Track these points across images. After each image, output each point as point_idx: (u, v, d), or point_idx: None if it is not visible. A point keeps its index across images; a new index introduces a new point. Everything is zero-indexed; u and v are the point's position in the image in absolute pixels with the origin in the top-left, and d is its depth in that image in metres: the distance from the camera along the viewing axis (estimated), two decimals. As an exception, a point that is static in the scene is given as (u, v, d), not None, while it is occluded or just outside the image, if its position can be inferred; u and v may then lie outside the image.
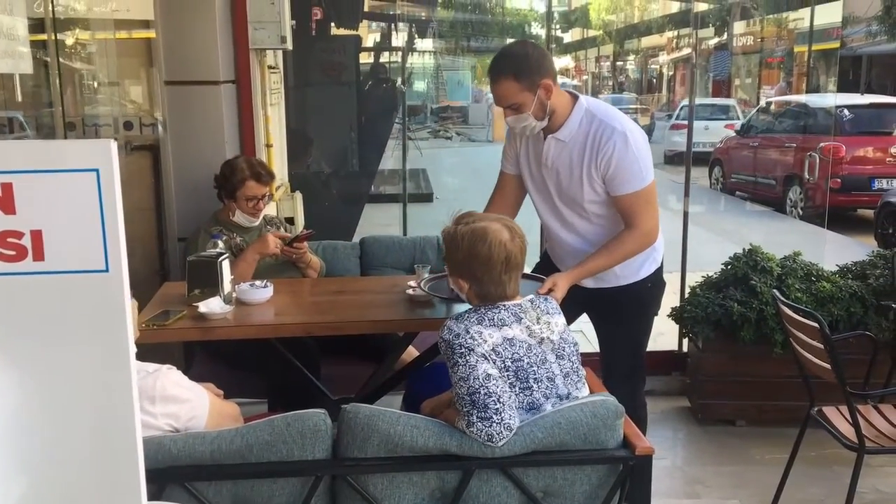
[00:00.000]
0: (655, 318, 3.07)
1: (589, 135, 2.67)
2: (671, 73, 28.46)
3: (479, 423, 1.92)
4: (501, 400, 1.94)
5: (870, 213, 9.87)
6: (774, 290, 3.34)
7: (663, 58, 28.16)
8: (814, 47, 17.29)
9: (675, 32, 24.55)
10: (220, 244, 3.00)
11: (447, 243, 2.19)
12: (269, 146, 4.26)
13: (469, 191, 12.58)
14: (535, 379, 2.05)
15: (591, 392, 2.19)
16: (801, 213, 10.39)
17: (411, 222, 6.45)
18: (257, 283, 2.93)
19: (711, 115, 15.40)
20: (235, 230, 3.50)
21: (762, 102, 16.14)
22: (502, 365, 2.02)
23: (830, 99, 12.26)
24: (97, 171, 1.01)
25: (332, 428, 1.96)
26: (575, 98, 2.74)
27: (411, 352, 3.36)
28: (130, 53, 4.01)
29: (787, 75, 19.16)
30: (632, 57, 31.55)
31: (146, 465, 1.85)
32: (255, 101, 4.01)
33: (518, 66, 2.62)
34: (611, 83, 31.09)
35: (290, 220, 4.70)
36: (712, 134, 13.51)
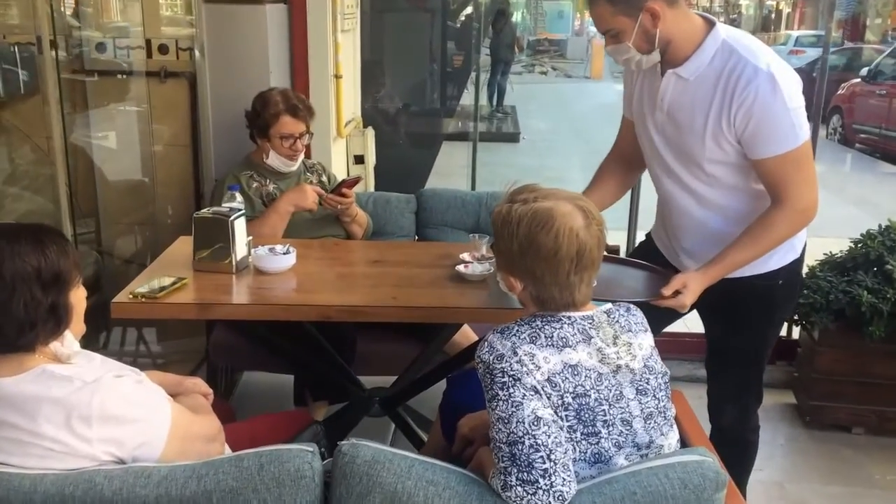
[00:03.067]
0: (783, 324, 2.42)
1: (722, 75, 2.01)
2: (789, 10, 26.44)
3: (520, 488, 1.37)
4: (553, 457, 1.39)
5: None
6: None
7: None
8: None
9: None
10: (238, 197, 2.50)
11: (498, 227, 1.61)
12: (337, 77, 3.76)
13: (560, 132, 11.81)
14: (604, 422, 1.49)
15: (683, 444, 1.60)
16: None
17: (492, 165, 5.89)
18: (277, 247, 2.43)
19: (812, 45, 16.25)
20: (269, 176, 3.00)
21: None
22: (559, 401, 1.46)
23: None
24: None
25: (321, 472, 1.45)
26: (710, 25, 2.07)
27: (467, 334, 2.83)
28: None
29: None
30: (747, -10, 29.44)
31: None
32: (317, 26, 3.48)
33: None
34: (721, 20, 29.11)
35: (360, 159, 4.25)
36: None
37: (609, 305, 1.61)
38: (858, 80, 11.43)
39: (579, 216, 1.53)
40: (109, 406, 1.45)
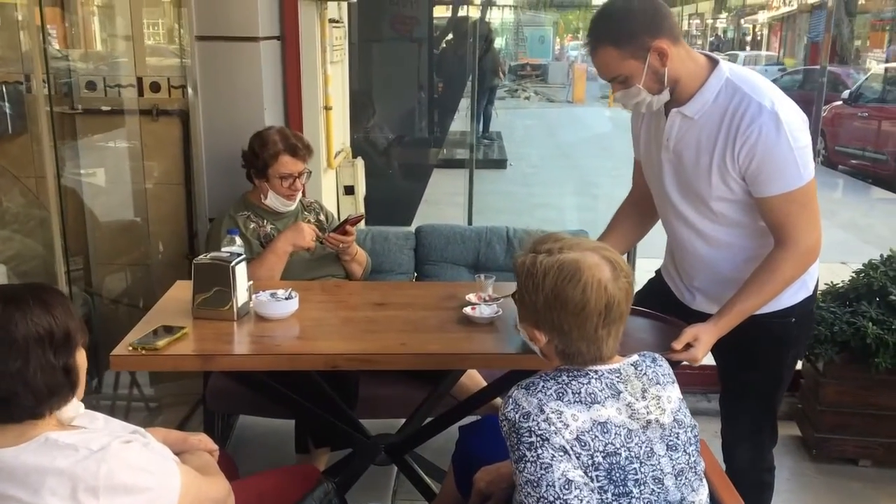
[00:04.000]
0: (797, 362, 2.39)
1: (727, 112, 2.00)
2: (765, 32, 26.83)
3: (553, 557, 1.31)
4: (586, 523, 1.33)
5: None
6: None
7: (761, 16, 26.51)
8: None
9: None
10: (238, 241, 2.44)
11: (522, 278, 1.55)
12: (327, 108, 3.73)
13: (546, 157, 11.85)
14: (635, 481, 1.43)
15: (712, 496, 1.55)
16: (915, 193, 9.41)
17: (479, 193, 5.86)
18: (279, 292, 2.36)
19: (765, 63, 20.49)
20: (267, 216, 2.94)
21: (870, 67, 14.82)
22: (589, 461, 1.40)
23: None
24: None
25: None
26: (713, 63, 2.07)
27: (473, 376, 2.77)
28: (157, 2, 3.47)
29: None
30: (724, 15, 29.89)
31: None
32: (307, 58, 3.45)
33: (617, 29, 1.98)
34: (700, 42, 29.49)
35: (350, 189, 4.22)
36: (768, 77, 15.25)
37: (635, 357, 1.56)
38: (840, 102, 11.52)
39: (607, 268, 1.48)
40: (118, 475, 1.38)
